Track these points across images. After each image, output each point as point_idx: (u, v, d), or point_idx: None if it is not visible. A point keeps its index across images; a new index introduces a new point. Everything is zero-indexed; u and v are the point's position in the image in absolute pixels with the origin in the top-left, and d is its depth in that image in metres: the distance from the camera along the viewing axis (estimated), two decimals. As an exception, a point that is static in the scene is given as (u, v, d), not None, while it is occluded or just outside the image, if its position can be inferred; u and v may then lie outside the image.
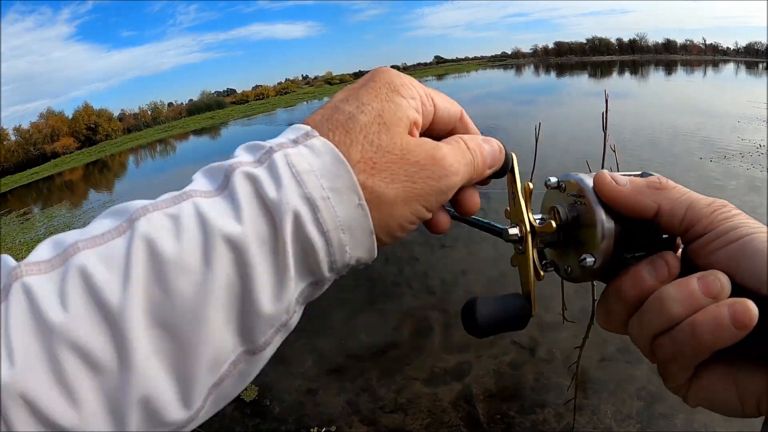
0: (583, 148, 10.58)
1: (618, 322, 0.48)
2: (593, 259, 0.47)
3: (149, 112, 60.66)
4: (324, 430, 3.59)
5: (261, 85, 75.25)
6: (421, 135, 0.48)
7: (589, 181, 0.49)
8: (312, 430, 3.59)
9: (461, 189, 0.50)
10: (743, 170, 8.50)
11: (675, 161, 9.46)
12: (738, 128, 12.04)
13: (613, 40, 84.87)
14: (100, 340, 0.32)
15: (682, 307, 0.41)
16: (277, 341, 0.41)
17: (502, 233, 0.52)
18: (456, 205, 0.52)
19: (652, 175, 0.51)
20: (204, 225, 0.36)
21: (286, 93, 70.01)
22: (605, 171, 0.49)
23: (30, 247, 10.62)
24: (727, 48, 74.24)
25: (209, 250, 0.35)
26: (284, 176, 0.39)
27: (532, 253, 0.51)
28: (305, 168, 0.40)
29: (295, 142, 0.42)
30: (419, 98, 0.48)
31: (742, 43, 72.77)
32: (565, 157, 10.36)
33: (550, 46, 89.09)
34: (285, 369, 4.50)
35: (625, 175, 0.51)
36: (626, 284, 0.46)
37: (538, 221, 0.52)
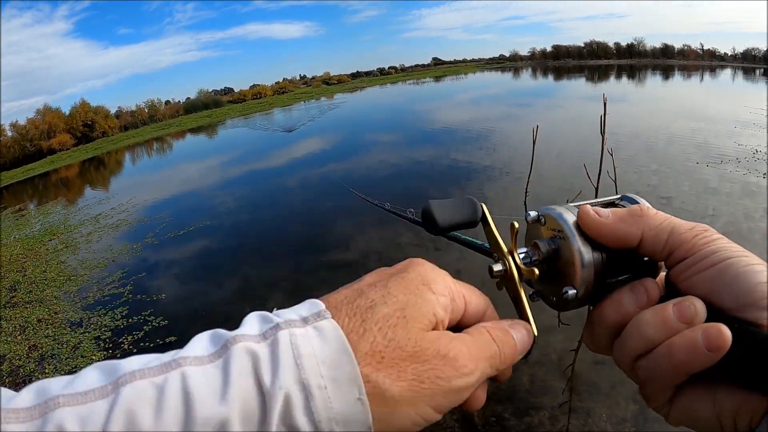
0: (579, 151, 10.60)
1: (602, 344, 0.49)
2: (575, 291, 0.48)
3: (146, 110, 60.78)
4: (318, 430, 3.58)
5: (258, 85, 75.58)
6: (449, 328, 0.46)
7: (566, 215, 0.50)
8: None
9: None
10: (739, 175, 8.52)
11: (670, 166, 9.47)
12: (734, 133, 12.08)
13: (610, 44, 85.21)
14: None
15: (657, 332, 0.42)
16: None
17: (489, 269, 0.52)
18: None
19: (632, 198, 0.52)
20: (187, 402, 0.34)
21: (283, 92, 70.24)
22: (588, 205, 0.50)
23: (24, 244, 10.66)
24: (725, 53, 74.72)
25: (188, 430, 0.33)
26: (284, 358, 0.37)
27: (521, 291, 0.51)
28: (308, 351, 0.38)
29: (305, 321, 0.40)
30: (450, 295, 0.46)
31: (740, 49, 73.09)
32: (561, 160, 10.38)
33: (548, 49, 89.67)
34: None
35: (606, 201, 0.53)
36: (608, 310, 0.47)
37: (522, 255, 0.52)
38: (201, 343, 0.40)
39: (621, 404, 3.51)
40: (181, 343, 0.40)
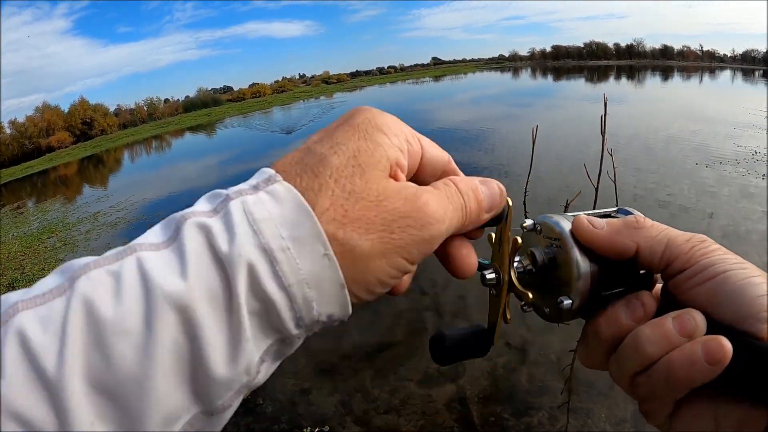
0: (578, 151, 10.61)
1: (597, 360, 0.49)
2: (570, 301, 0.48)
3: (145, 108, 60.81)
4: (317, 430, 3.58)
5: (258, 83, 75.69)
6: (409, 180, 0.44)
7: (564, 223, 0.50)
8: (305, 429, 3.59)
9: (453, 241, 0.47)
10: (738, 176, 8.53)
11: (669, 167, 9.48)
12: (733, 135, 12.10)
13: (610, 45, 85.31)
14: (40, 408, 0.30)
15: (657, 347, 0.41)
16: (239, 400, 0.37)
17: (481, 277, 0.51)
18: (446, 261, 0.48)
19: (629, 211, 0.52)
20: (146, 283, 0.32)
21: (282, 91, 70.28)
22: (582, 215, 0.50)
23: (23, 242, 10.65)
24: (724, 55, 74.86)
25: (151, 311, 0.32)
26: (239, 225, 0.35)
27: (504, 303, 0.51)
28: (263, 216, 0.36)
29: (256, 188, 0.39)
30: (404, 136, 0.44)
31: (739, 50, 73.22)
32: (560, 161, 10.38)
33: (548, 49, 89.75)
34: (278, 368, 4.49)
35: (602, 213, 0.53)
36: (603, 325, 0.47)
37: (516, 265, 0.51)
38: (154, 230, 0.38)
39: (620, 404, 3.52)
40: None
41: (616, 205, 0.55)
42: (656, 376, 0.41)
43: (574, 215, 0.51)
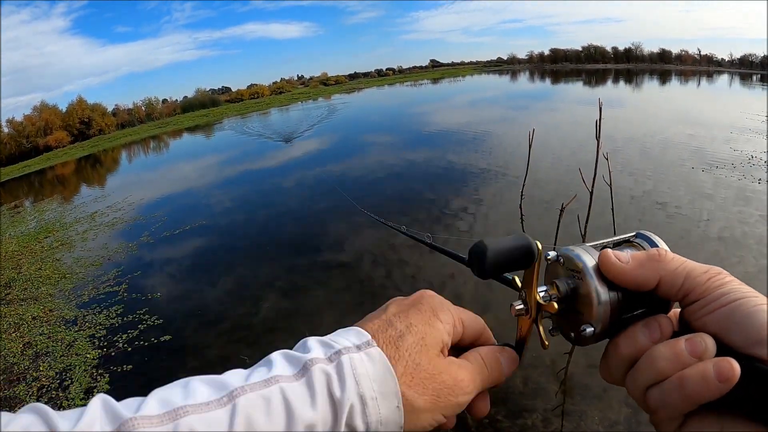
0: (575, 155, 10.63)
1: (617, 375, 0.52)
2: (592, 329, 0.51)
3: (143, 108, 60.54)
4: None
5: (256, 84, 75.32)
6: (451, 346, 0.58)
7: (584, 256, 0.53)
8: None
9: (477, 395, 0.58)
10: (734, 180, 8.55)
11: (666, 170, 9.49)
12: (731, 139, 12.12)
13: (608, 48, 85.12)
14: None
15: (669, 365, 0.45)
16: None
17: (510, 305, 0.58)
18: (467, 407, 0.59)
19: (646, 235, 0.56)
20: (288, 409, 0.46)
21: (280, 92, 70.04)
22: (609, 251, 0.53)
23: (20, 241, 10.63)
24: (722, 59, 74.67)
25: (291, 429, 0.45)
26: (348, 377, 0.49)
27: (540, 329, 0.58)
28: (363, 372, 0.50)
29: (359, 348, 0.52)
30: (452, 323, 0.58)
31: (737, 55, 73.10)
32: (557, 164, 10.39)
33: (546, 52, 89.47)
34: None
35: (621, 239, 0.57)
36: (623, 344, 0.51)
37: (542, 295, 0.56)
38: (283, 363, 0.51)
39: (614, 407, 3.52)
40: (175, 342, 0.42)
41: (612, 209, 0.56)
42: (668, 389, 0.45)
43: (595, 245, 0.55)
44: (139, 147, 33.83)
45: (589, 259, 0.52)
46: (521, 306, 0.57)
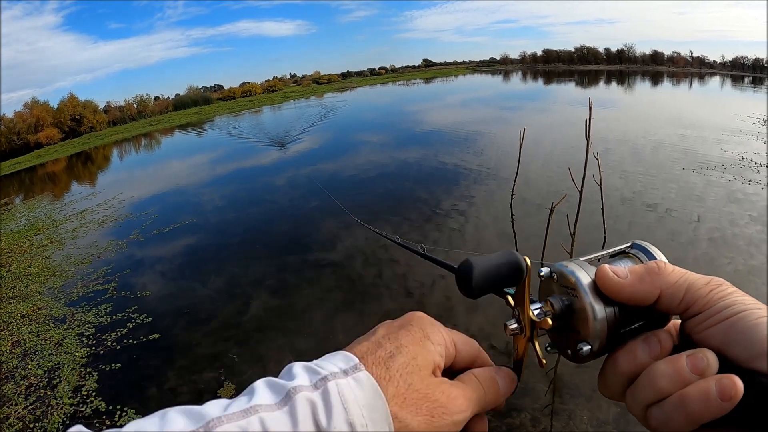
0: (565, 155, 10.65)
1: (616, 391, 0.51)
2: (589, 347, 0.50)
3: (135, 106, 60.29)
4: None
5: (248, 82, 75.09)
6: (444, 369, 0.56)
7: (579, 273, 0.51)
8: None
9: (474, 418, 0.55)
10: (725, 182, 8.60)
11: (657, 171, 9.53)
12: (722, 140, 12.18)
13: (600, 50, 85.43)
14: None
15: (670, 383, 0.44)
16: None
17: (504, 326, 0.56)
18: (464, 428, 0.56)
19: (642, 246, 0.54)
20: None
21: (273, 91, 69.94)
22: (606, 267, 0.51)
23: (9, 239, 10.59)
24: (714, 61, 75.02)
25: None
26: (335, 405, 0.46)
27: (537, 347, 0.56)
28: (351, 399, 0.47)
29: (346, 373, 0.49)
30: (444, 344, 0.55)
31: (729, 57, 73.50)
32: (548, 164, 10.42)
33: (539, 53, 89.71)
34: (263, 368, 4.49)
35: (616, 251, 0.56)
36: (622, 359, 0.49)
37: (536, 312, 0.54)
38: (264, 390, 0.48)
39: (603, 407, 3.53)
40: (164, 341, 0.42)
41: (602, 209, 0.56)
42: (669, 408, 0.44)
43: (587, 259, 0.54)
44: (130, 144, 33.72)
45: (584, 275, 0.51)
46: (515, 325, 0.56)
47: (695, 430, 0.43)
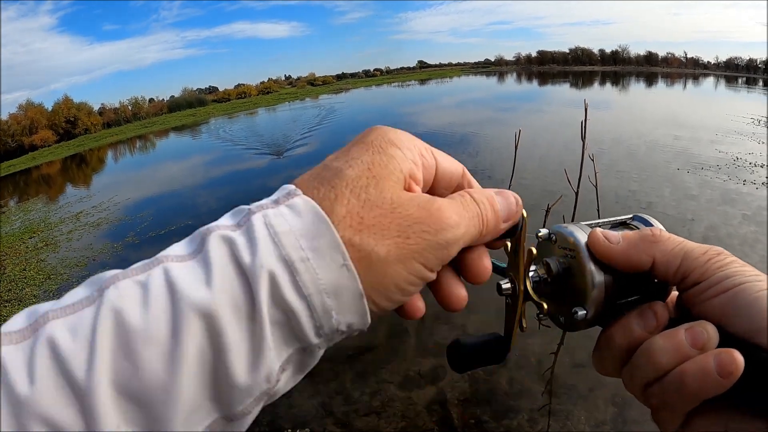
0: (561, 156, 10.65)
1: (611, 368, 0.49)
2: (585, 311, 0.48)
3: (130, 108, 60.30)
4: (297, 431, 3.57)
5: (243, 84, 75.34)
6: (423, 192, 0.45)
7: (579, 234, 0.50)
8: (285, 431, 3.58)
9: (468, 250, 0.46)
10: (719, 182, 8.63)
11: (652, 172, 9.55)
12: (716, 141, 12.22)
13: (595, 51, 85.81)
14: (69, 412, 0.31)
15: (670, 358, 0.42)
16: (259, 407, 0.38)
17: (497, 286, 0.52)
18: (462, 269, 0.48)
19: (644, 218, 0.53)
20: (172, 292, 0.34)
21: (268, 92, 69.99)
22: (598, 230, 0.49)
23: (4, 241, 10.55)
24: (708, 62, 75.41)
25: (177, 319, 0.33)
26: (260, 238, 0.36)
27: (520, 311, 0.51)
28: (284, 228, 0.37)
29: (276, 202, 0.40)
30: (417, 150, 0.45)
31: (723, 58, 73.84)
32: (543, 165, 10.42)
33: (533, 54, 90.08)
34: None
35: (617, 221, 0.53)
36: (617, 334, 0.47)
37: (531, 275, 0.51)
38: (180, 244, 0.39)
39: (600, 407, 3.54)
40: None
41: (598, 209, 0.55)
42: (668, 386, 0.42)
43: (590, 224, 0.52)
44: (125, 146, 33.61)
45: (583, 237, 0.49)
46: (509, 285, 0.51)
47: (697, 408, 0.42)
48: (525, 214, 0.49)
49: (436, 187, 0.48)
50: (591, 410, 3.53)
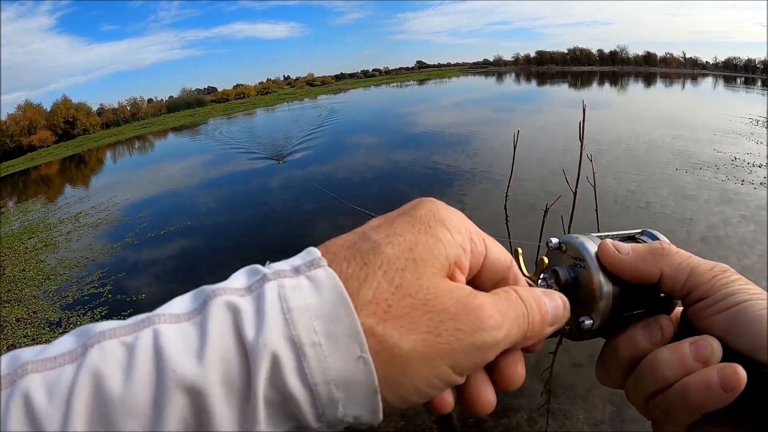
0: (559, 156, 10.66)
1: (615, 379, 0.49)
2: (591, 321, 0.48)
3: (128, 108, 60.10)
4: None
5: (242, 84, 75.01)
6: (467, 283, 0.41)
7: (589, 244, 0.50)
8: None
9: (504, 352, 0.41)
10: (717, 182, 8.64)
11: (650, 172, 9.55)
12: (714, 141, 12.23)
13: (594, 51, 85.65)
14: None
15: (674, 371, 0.42)
16: None
17: None
18: (494, 372, 0.43)
19: (653, 233, 0.53)
20: (158, 361, 0.31)
21: (266, 93, 69.80)
22: (608, 240, 0.49)
23: (3, 242, 10.54)
24: (707, 62, 75.31)
25: (160, 392, 0.30)
26: (270, 311, 0.33)
27: None
28: (299, 305, 0.33)
29: (297, 270, 0.36)
30: (468, 234, 0.41)
31: (721, 58, 73.77)
32: (542, 165, 10.42)
33: (532, 54, 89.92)
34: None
35: (627, 234, 0.53)
36: (622, 346, 0.47)
37: (540, 283, 0.52)
38: (181, 300, 0.36)
39: (598, 406, 3.54)
40: None
41: (596, 209, 0.55)
42: (671, 398, 0.42)
43: (599, 236, 0.52)
44: (124, 147, 33.52)
45: (593, 248, 0.49)
46: None
47: (698, 421, 0.42)
48: (520, 251, 0.51)
49: (479, 279, 0.44)
50: (589, 409, 3.54)
